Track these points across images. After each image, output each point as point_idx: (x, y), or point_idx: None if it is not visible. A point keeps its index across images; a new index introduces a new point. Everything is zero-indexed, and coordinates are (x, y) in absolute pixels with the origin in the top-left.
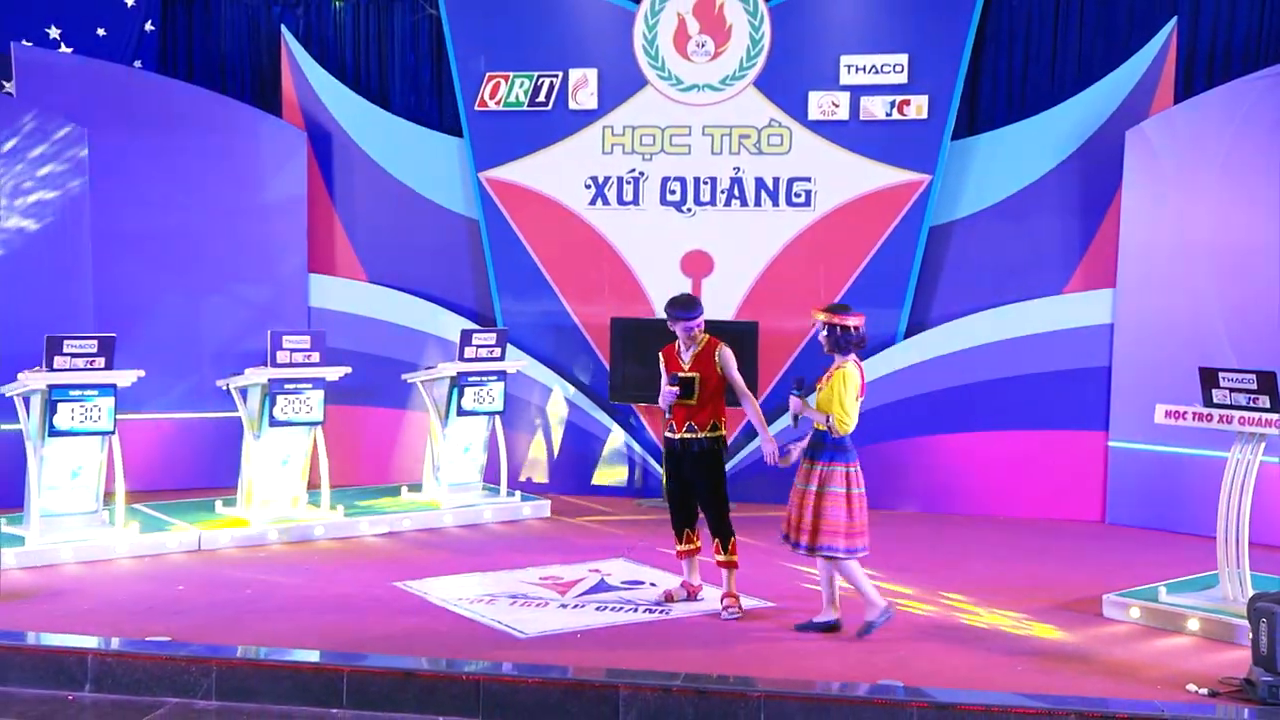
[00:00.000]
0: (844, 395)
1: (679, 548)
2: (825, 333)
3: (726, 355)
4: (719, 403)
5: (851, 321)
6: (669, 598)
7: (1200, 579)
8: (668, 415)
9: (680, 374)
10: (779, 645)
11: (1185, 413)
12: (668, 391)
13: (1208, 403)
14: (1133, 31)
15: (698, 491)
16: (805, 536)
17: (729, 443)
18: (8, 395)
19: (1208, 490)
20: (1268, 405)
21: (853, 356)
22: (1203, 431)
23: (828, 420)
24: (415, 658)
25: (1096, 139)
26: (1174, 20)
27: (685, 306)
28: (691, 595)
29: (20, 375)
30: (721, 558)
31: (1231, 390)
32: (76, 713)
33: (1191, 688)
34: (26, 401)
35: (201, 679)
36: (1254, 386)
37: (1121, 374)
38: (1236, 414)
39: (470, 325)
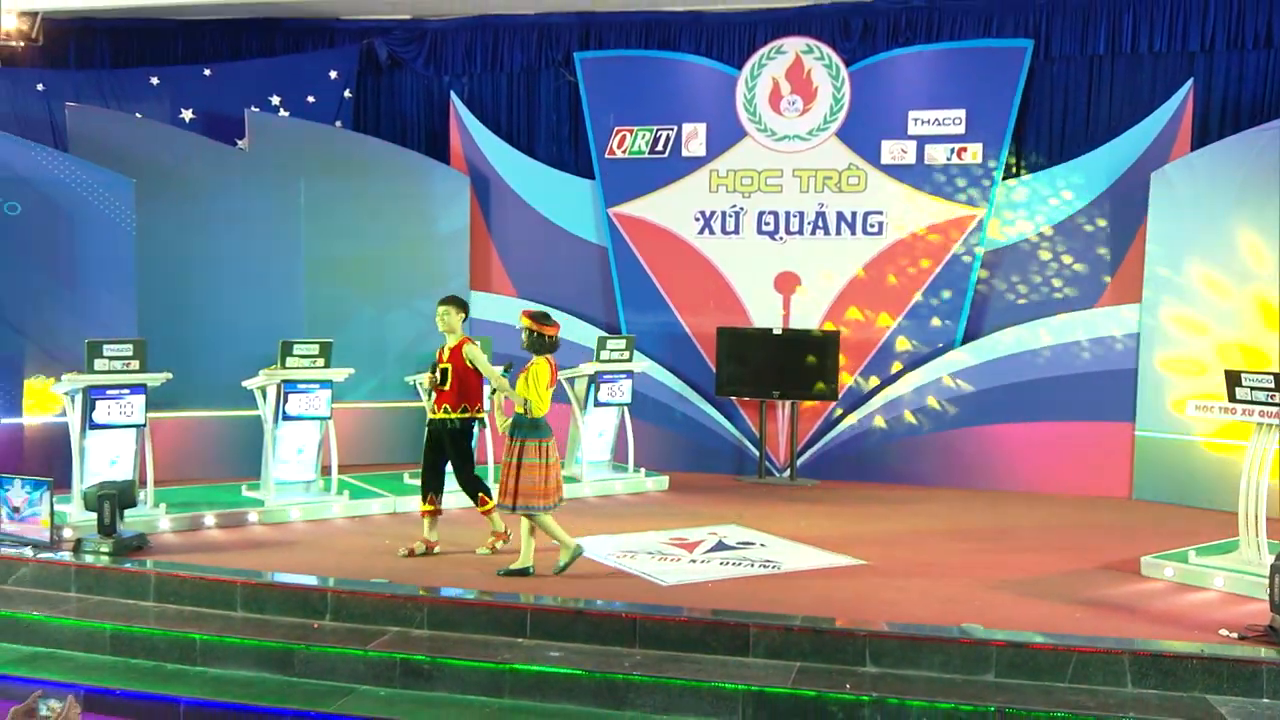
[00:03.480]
0: (536, 385)
1: (423, 508)
2: (525, 336)
3: (472, 351)
4: (469, 389)
5: (548, 330)
6: (411, 553)
7: (1222, 544)
8: (431, 399)
9: (440, 364)
10: (876, 595)
11: (1213, 407)
12: (426, 377)
13: (1231, 399)
14: (1155, 90)
15: (447, 462)
16: (509, 499)
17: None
18: (249, 388)
19: (1219, 471)
20: None
21: (546, 355)
22: (1217, 422)
23: (525, 404)
24: (584, 599)
25: (1125, 179)
26: (1190, 81)
27: (450, 303)
28: (429, 549)
29: (261, 372)
30: (481, 510)
31: (1252, 389)
32: (321, 636)
33: (1223, 633)
34: (265, 393)
35: (416, 612)
36: (1272, 385)
37: (1145, 375)
38: (1257, 408)
39: (603, 333)
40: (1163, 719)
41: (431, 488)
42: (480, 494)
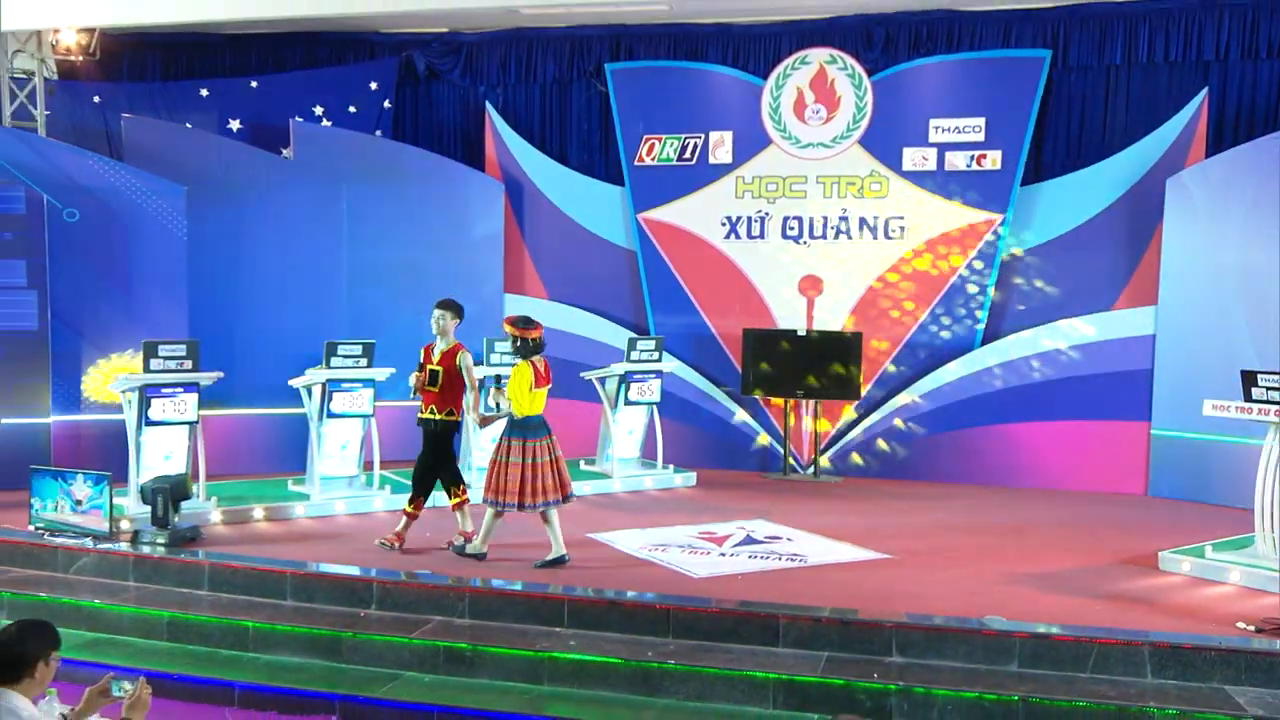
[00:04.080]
0: (518, 387)
1: (407, 510)
2: (510, 342)
3: (467, 359)
4: (454, 392)
5: (531, 335)
6: (391, 544)
7: (1237, 540)
8: (417, 398)
9: (430, 366)
10: (900, 588)
11: (1229, 406)
12: (417, 377)
13: (1247, 398)
14: (1171, 98)
15: (433, 461)
16: (488, 491)
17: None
18: (295, 387)
19: (1233, 469)
20: None
21: (531, 358)
22: (1230, 420)
23: (509, 405)
24: (618, 590)
25: (1141, 185)
26: (1205, 89)
27: (448, 307)
28: (399, 544)
29: (308, 371)
30: (453, 502)
31: (1268, 389)
32: (367, 624)
33: (1241, 625)
34: (310, 391)
35: (458, 602)
36: None
37: (1161, 375)
38: (1273, 408)
39: (632, 335)
40: (1182, 709)
41: (420, 491)
42: (455, 487)
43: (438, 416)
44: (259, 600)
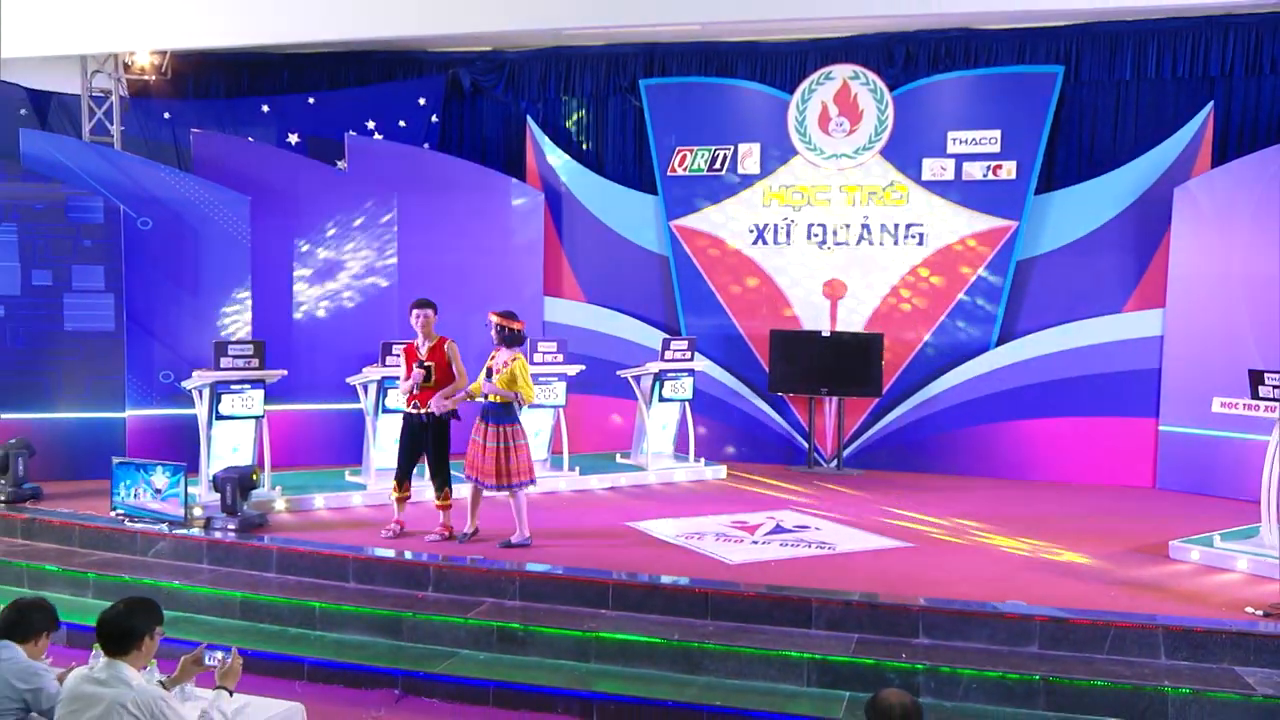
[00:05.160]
0: (526, 377)
1: (396, 495)
2: (498, 332)
3: (454, 349)
4: (445, 384)
5: (517, 325)
6: (394, 534)
7: (1244, 530)
8: (415, 391)
9: (424, 362)
10: (923, 575)
11: (1237, 403)
12: (418, 374)
13: (1255, 396)
14: (1178, 112)
15: (425, 452)
16: (503, 479)
17: None
18: (352, 384)
19: (1238, 463)
20: None
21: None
22: (1235, 416)
23: (517, 396)
24: (657, 575)
25: (1150, 194)
26: (1211, 103)
27: (430, 305)
28: (401, 530)
29: (364, 369)
30: (439, 502)
31: (1275, 387)
32: (425, 606)
33: (1249, 610)
34: (365, 388)
35: (509, 585)
36: None
37: (1169, 374)
38: (1278, 405)
39: (666, 335)
40: (1194, 688)
41: (408, 477)
42: (446, 489)
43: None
44: (324, 582)
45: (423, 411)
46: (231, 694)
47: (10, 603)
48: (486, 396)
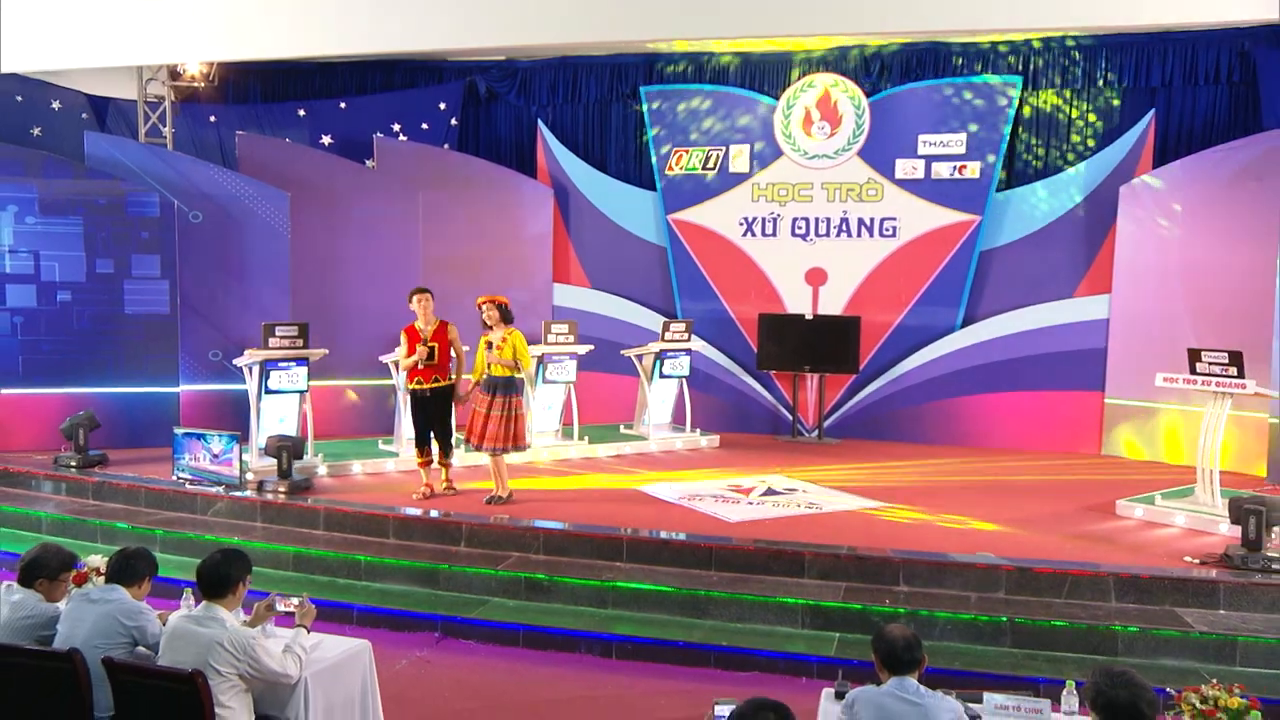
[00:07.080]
0: (526, 349)
1: (420, 461)
2: (497, 311)
3: (455, 332)
4: (445, 363)
5: (506, 299)
6: (424, 496)
7: (1181, 490)
8: (420, 367)
9: (428, 343)
10: (901, 531)
11: (1177, 379)
12: (423, 352)
13: (1193, 371)
14: (1123, 118)
15: (434, 423)
16: (508, 442)
17: None
18: (385, 361)
19: (1175, 431)
20: (1235, 374)
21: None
22: (1172, 389)
23: (516, 364)
24: (668, 531)
25: (1098, 191)
26: (1152, 111)
27: (428, 291)
28: (431, 492)
29: (396, 349)
30: (441, 460)
31: (1210, 363)
32: (459, 559)
33: (1188, 559)
34: (396, 365)
35: (534, 540)
36: (1226, 361)
37: (1114, 352)
38: (1214, 380)
39: (665, 318)
40: (1141, 626)
41: (427, 443)
42: (449, 452)
43: (441, 384)
44: (367, 539)
45: (426, 388)
46: (309, 631)
47: (118, 551)
48: (490, 370)
